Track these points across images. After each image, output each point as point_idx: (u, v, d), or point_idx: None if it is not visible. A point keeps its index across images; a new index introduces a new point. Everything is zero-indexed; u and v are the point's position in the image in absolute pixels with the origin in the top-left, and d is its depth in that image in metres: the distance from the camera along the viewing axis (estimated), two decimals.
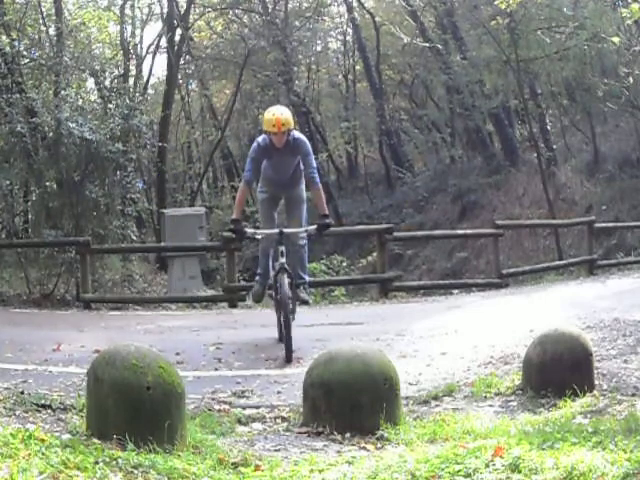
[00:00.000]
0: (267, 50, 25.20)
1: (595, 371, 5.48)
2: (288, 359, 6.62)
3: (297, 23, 27.15)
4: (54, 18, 19.28)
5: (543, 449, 3.60)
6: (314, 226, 7.13)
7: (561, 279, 14.94)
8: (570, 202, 21.73)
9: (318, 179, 7.28)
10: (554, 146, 23.72)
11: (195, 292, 14.79)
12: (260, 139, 7.26)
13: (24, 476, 3.03)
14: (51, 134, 14.59)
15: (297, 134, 7.35)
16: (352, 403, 4.55)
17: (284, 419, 4.94)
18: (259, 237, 7.32)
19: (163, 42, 26.53)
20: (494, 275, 14.23)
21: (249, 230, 7.38)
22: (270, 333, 7.77)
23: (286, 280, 6.91)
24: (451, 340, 7.52)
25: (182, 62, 27.07)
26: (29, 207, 16.35)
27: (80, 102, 15.66)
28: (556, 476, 3.24)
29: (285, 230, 7.07)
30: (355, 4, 28.29)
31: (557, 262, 17.04)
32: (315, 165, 7.34)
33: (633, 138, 21.66)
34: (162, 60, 38.53)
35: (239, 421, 4.89)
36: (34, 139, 14.58)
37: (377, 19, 28.13)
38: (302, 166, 7.36)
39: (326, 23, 30.13)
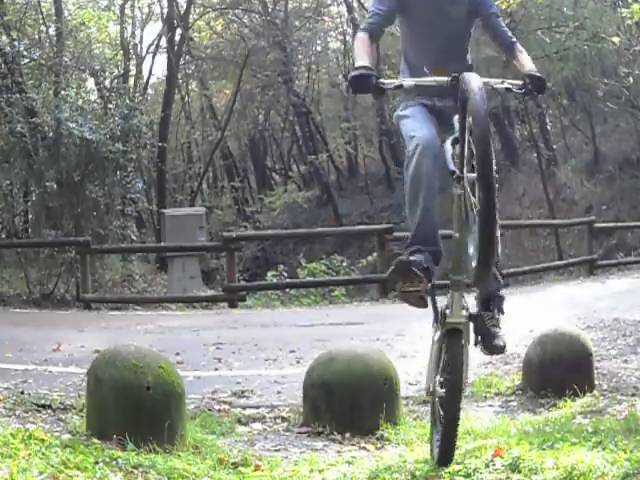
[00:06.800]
0: (267, 50, 25.19)
1: (595, 371, 5.49)
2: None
3: (297, 23, 27.13)
4: (54, 18, 19.24)
5: (543, 449, 3.60)
6: (518, 81, 3.69)
7: (561, 279, 14.94)
8: (570, 202, 21.73)
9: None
10: (554, 146, 23.72)
11: (195, 292, 14.78)
12: None
13: (24, 476, 3.03)
14: (51, 134, 14.59)
15: None
16: (352, 403, 4.56)
17: (284, 419, 4.94)
18: (406, 85, 3.62)
19: (163, 42, 26.52)
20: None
21: (387, 81, 3.63)
22: (270, 333, 7.76)
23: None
24: None
25: (182, 62, 27.06)
26: (29, 207, 16.34)
27: (80, 102, 15.62)
28: (556, 476, 3.25)
29: (466, 75, 3.36)
30: (355, 4, 28.29)
31: (557, 262, 17.05)
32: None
33: (633, 138, 21.65)
34: (162, 60, 38.46)
35: (239, 421, 4.90)
36: (34, 139, 14.56)
37: None
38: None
39: (326, 23, 30.11)
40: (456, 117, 3.49)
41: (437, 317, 3.68)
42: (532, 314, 8.78)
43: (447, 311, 3.61)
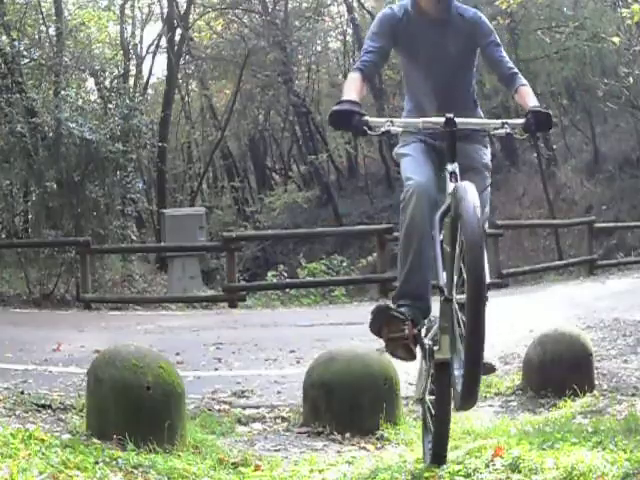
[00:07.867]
0: (267, 50, 25.19)
1: (595, 371, 5.49)
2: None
3: (297, 23, 27.13)
4: (54, 18, 19.25)
5: (543, 449, 3.60)
6: (520, 120, 3.46)
7: (561, 279, 14.95)
8: (570, 202, 21.73)
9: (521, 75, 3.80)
10: (554, 146, 23.71)
11: (195, 292, 14.78)
12: (390, 6, 3.93)
13: (24, 476, 3.03)
14: (51, 134, 14.59)
15: (464, 6, 3.84)
16: (352, 403, 4.56)
17: (284, 419, 4.94)
18: (394, 130, 3.42)
19: (163, 42, 26.53)
20: (494, 275, 14.23)
21: (373, 119, 3.43)
22: (270, 333, 7.77)
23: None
24: None
25: (182, 62, 27.06)
26: (29, 207, 16.34)
27: (80, 102, 15.62)
28: (556, 476, 3.24)
29: (459, 120, 3.37)
30: (355, 4, 28.29)
31: (557, 262, 17.05)
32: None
33: (633, 138, 21.66)
34: (162, 60, 38.45)
35: (239, 421, 4.90)
36: (34, 139, 14.57)
37: None
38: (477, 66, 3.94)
39: (326, 23, 30.11)
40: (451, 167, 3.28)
41: (424, 354, 3.55)
42: (532, 314, 8.79)
43: (435, 347, 3.46)
